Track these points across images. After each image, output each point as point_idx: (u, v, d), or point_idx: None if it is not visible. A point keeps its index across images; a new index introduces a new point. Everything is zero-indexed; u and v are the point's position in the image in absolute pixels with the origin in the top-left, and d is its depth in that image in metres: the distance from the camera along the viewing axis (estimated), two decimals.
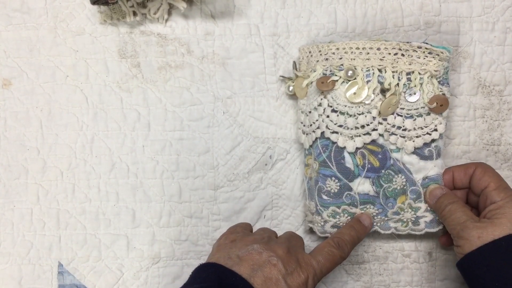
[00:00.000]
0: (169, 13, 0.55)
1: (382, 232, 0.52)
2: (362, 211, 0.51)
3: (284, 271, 0.43)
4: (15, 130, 0.56)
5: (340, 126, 0.50)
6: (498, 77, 0.55)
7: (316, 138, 0.51)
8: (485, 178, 0.49)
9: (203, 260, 0.56)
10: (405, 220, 0.52)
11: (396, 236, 0.55)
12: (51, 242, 0.57)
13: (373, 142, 0.50)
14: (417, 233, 0.52)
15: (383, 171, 0.51)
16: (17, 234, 0.57)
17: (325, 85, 0.50)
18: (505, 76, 0.55)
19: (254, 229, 0.52)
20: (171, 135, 0.56)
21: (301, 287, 0.43)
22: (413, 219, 0.52)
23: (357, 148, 0.50)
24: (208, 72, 0.56)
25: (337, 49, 0.50)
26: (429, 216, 0.52)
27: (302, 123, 0.53)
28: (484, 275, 0.43)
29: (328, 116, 0.50)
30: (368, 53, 0.49)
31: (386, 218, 0.52)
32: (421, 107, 0.50)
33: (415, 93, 0.49)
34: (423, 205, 0.51)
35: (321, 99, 0.51)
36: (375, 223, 0.52)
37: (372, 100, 0.49)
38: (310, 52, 0.52)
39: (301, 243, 0.50)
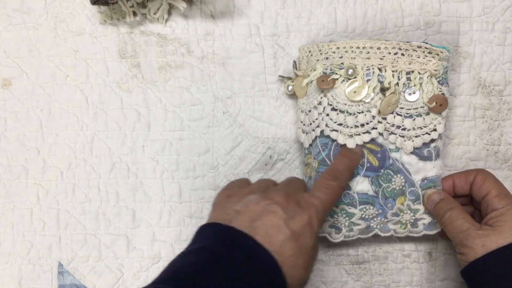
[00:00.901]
0: (169, 13, 0.55)
1: (382, 235, 0.52)
2: (361, 212, 0.51)
3: (284, 216, 0.41)
4: (15, 130, 0.56)
5: (340, 124, 0.50)
6: (498, 77, 0.55)
7: (316, 137, 0.51)
8: (486, 185, 0.49)
9: None
10: (404, 222, 0.52)
11: (396, 239, 0.55)
12: (51, 242, 0.57)
13: (373, 141, 0.50)
14: (415, 235, 0.52)
15: (382, 170, 0.51)
16: (17, 234, 0.57)
17: (325, 83, 0.50)
18: (505, 76, 0.55)
19: None
20: (171, 135, 0.56)
21: (305, 227, 0.42)
22: (412, 221, 0.52)
23: (356, 146, 0.50)
24: (208, 72, 0.56)
25: (338, 48, 0.50)
26: (427, 219, 0.51)
27: (301, 122, 0.53)
28: (489, 282, 0.43)
29: (328, 115, 0.50)
30: (368, 52, 0.49)
31: (386, 220, 0.52)
32: (421, 107, 0.50)
33: (414, 93, 0.50)
34: (421, 207, 0.51)
35: (321, 97, 0.51)
36: (374, 225, 0.52)
37: (372, 99, 0.49)
38: (310, 51, 0.52)
39: (300, 185, 0.49)
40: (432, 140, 0.51)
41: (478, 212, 0.51)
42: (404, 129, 0.50)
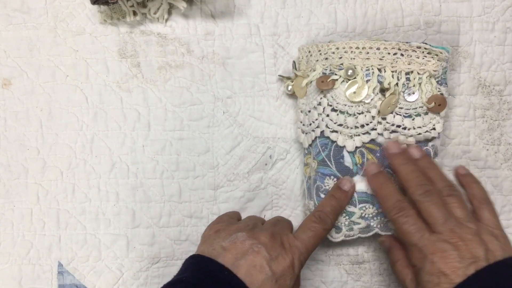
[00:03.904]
0: (169, 13, 0.55)
1: (382, 233, 0.52)
2: (361, 211, 0.51)
3: (268, 257, 0.43)
4: (15, 130, 0.56)
5: (340, 125, 0.50)
6: (498, 77, 0.55)
7: (316, 137, 0.51)
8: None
9: None
10: None
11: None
12: (51, 242, 0.57)
13: (372, 141, 0.51)
14: None
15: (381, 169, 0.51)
16: (17, 234, 0.57)
17: (325, 84, 0.50)
18: (505, 76, 0.55)
19: None
20: (171, 135, 0.56)
21: (287, 270, 0.43)
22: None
23: (356, 147, 0.50)
24: (208, 72, 0.56)
25: (337, 48, 0.50)
26: None
27: (301, 122, 0.53)
28: None
29: (328, 115, 0.50)
30: (367, 53, 0.49)
31: (385, 220, 0.52)
32: (420, 107, 0.50)
33: (414, 93, 0.50)
34: None
35: (321, 98, 0.51)
36: (375, 225, 0.52)
37: (371, 100, 0.50)
38: (309, 51, 0.52)
39: (287, 225, 0.50)
40: (431, 139, 0.51)
41: None
42: (404, 128, 0.50)
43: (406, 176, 0.48)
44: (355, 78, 0.49)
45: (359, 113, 0.50)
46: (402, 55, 0.49)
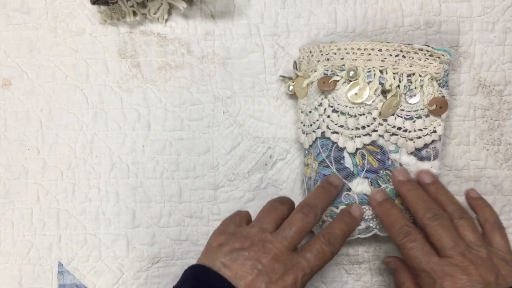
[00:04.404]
0: (169, 13, 0.55)
1: (382, 234, 0.52)
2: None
3: (267, 279, 0.42)
4: (15, 130, 0.56)
5: (341, 126, 0.50)
6: (498, 77, 0.55)
7: (316, 138, 0.52)
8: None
9: None
10: None
11: None
12: (51, 242, 0.57)
13: (373, 143, 0.51)
14: None
15: (381, 171, 0.51)
16: (17, 234, 0.57)
17: (326, 85, 0.50)
18: (505, 76, 0.55)
19: None
20: (171, 135, 0.56)
21: None
22: (411, 221, 0.52)
23: (357, 149, 0.50)
24: (208, 72, 0.56)
25: (339, 49, 0.50)
26: None
27: (302, 122, 0.53)
28: None
29: (328, 116, 0.50)
30: (369, 54, 0.49)
31: None
32: (421, 109, 0.50)
33: (415, 95, 0.50)
34: None
35: (322, 99, 0.51)
36: (374, 226, 0.52)
37: (373, 101, 0.49)
38: (311, 52, 0.52)
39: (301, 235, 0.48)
40: (432, 141, 0.51)
41: None
42: (405, 130, 0.50)
43: (414, 202, 0.47)
44: (356, 79, 0.49)
45: (360, 115, 0.50)
46: (404, 57, 0.49)
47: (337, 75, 0.50)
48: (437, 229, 0.45)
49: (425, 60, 0.49)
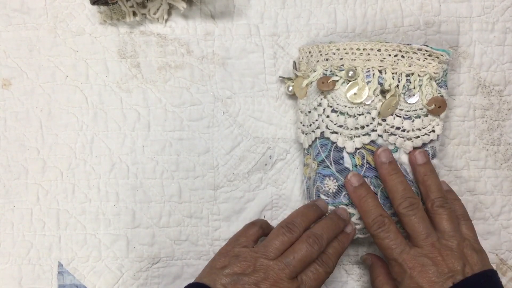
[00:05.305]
0: (169, 13, 0.55)
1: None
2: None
3: None
4: (15, 130, 0.56)
5: (340, 126, 0.50)
6: (498, 77, 0.55)
7: (316, 138, 0.52)
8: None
9: (203, 260, 0.56)
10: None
11: None
12: (51, 242, 0.57)
13: (372, 142, 0.51)
14: None
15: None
16: (17, 234, 0.57)
17: (325, 85, 0.50)
18: (505, 76, 0.55)
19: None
20: (171, 135, 0.56)
21: None
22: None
23: (356, 148, 0.50)
24: (208, 72, 0.56)
25: (338, 49, 0.50)
26: None
27: (301, 123, 0.54)
28: None
29: (328, 116, 0.50)
30: (368, 54, 0.49)
31: None
32: (420, 109, 0.50)
33: (414, 95, 0.50)
34: None
35: (321, 99, 0.51)
36: None
37: (372, 101, 0.50)
38: (310, 52, 0.53)
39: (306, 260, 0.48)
40: (430, 141, 0.51)
41: None
42: (403, 130, 0.50)
43: (393, 188, 0.48)
44: (355, 79, 0.50)
45: (359, 115, 0.50)
46: (403, 57, 0.49)
47: (336, 75, 0.50)
48: (412, 219, 0.47)
49: (424, 60, 0.49)
